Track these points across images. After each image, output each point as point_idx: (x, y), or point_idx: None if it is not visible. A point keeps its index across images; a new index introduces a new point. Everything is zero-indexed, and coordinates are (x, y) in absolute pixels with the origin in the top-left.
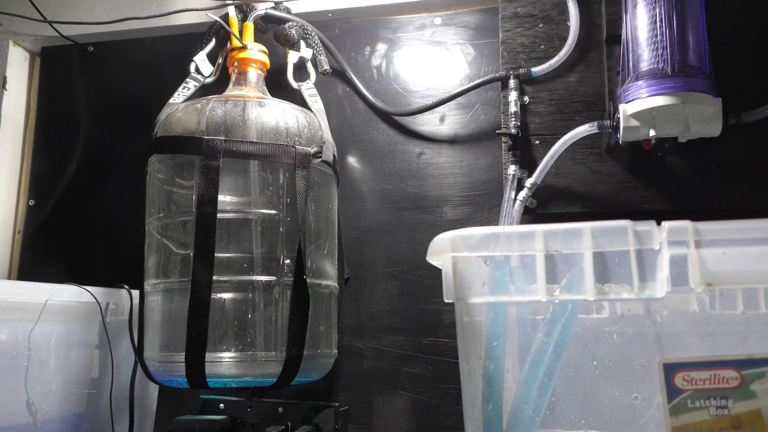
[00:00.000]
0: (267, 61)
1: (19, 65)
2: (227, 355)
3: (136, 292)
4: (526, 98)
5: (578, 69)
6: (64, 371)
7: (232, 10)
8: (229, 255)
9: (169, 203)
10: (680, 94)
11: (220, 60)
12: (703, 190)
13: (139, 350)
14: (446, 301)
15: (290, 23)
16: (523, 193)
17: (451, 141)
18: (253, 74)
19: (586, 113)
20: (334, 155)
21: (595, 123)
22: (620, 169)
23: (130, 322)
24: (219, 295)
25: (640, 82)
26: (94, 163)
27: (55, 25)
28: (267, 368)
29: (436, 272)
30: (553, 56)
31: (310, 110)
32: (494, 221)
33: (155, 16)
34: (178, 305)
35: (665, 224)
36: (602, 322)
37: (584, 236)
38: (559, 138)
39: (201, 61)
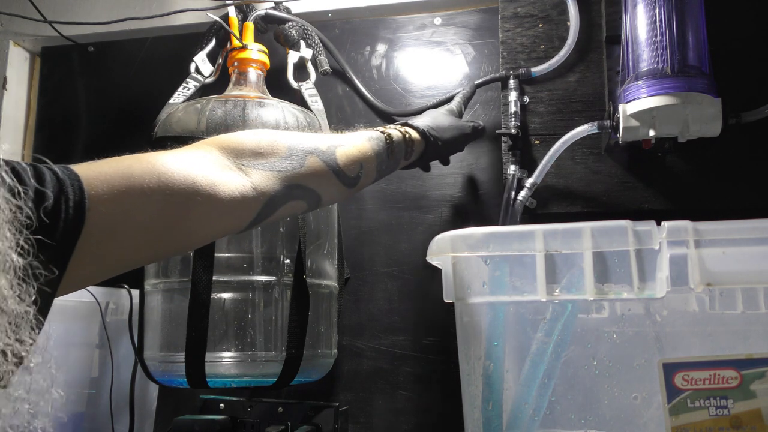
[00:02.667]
0: (267, 61)
1: (19, 65)
2: (227, 355)
3: (135, 292)
4: (526, 98)
5: (578, 69)
6: (63, 371)
7: (232, 10)
8: (229, 255)
9: None
10: (680, 94)
11: (220, 60)
12: (703, 190)
13: (139, 350)
14: (446, 301)
15: (290, 23)
16: (523, 193)
17: None
18: (253, 74)
19: (585, 113)
20: None
21: (595, 123)
22: (620, 169)
23: (130, 322)
24: (219, 295)
25: (639, 82)
26: None
27: (55, 25)
28: (267, 368)
29: (436, 272)
30: (553, 56)
31: (310, 110)
32: (494, 221)
33: (155, 16)
34: (178, 305)
35: (665, 224)
36: (602, 322)
37: (584, 236)
38: (559, 138)
39: (201, 61)
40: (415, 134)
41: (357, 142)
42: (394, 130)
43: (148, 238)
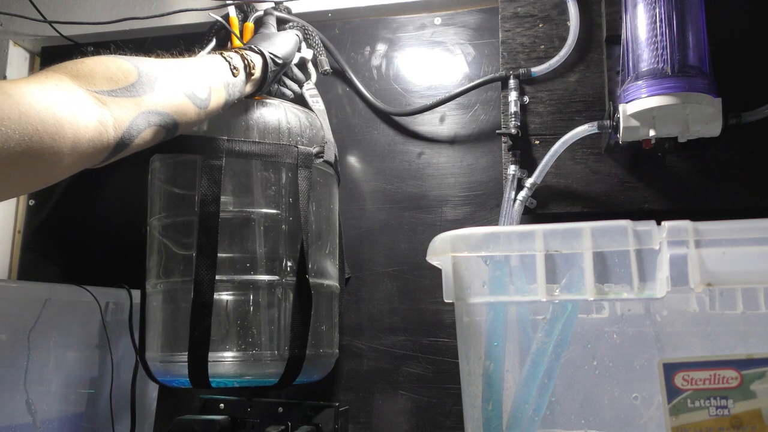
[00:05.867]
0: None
1: (19, 65)
2: (230, 355)
3: (135, 292)
4: (526, 98)
5: (578, 69)
6: (63, 371)
7: (232, 10)
8: (231, 255)
9: (171, 203)
10: (680, 94)
11: None
12: (703, 190)
13: (140, 350)
14: (446, 301)
15: (291, 23)
16: (523, 193)
17: (451, 141)
18: None
19: (586, 113)
20: (335, 155)
21: (595, 123)
22: (620, 169)
23: (130, 322)
24: (221, 295)
25: (640, 82)
26: None
27: (55, 25)
28: (269, 368)
29: (436, 272)
30: (553, 56)
31: (312, 110)
32: (494, 221)
33: (155, 16)
34: (180, 305)
35: (665, 224)
36: (602, 322)
37: (584, 236)
38: (559, 138)
39: None
40: (251, 53)
41: (200, 63)
42: (231, 52)
43: (12, 173)
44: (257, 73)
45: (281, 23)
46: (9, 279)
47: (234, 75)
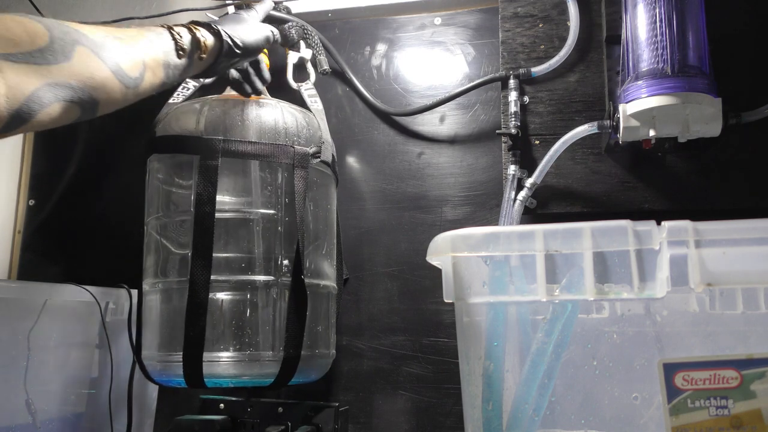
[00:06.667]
0: (267, 61)
1: None
2: (225, 355)
3: (135, 292)
4: (526, 98)
5: (578, 69)
6: (63, 371)
7: (231, 10)
8: (227, 255)
9: (168, 203)
10: (680, 94)
11: None
12: (703, 190)
13: (137, 350)
14: (446, 301)
15: (290, 23)
16: (523, 193)
17: (451, 141)
18: None
19: (586, 113)
20: (332, 155)
21: (595, 123)
22: (620, 169)
23: (129, 322)
24: (217, 295)
25: (640, 82)
26: (94, 163)
27: None
28: (265, 368)
29: (436, 272)
30: (553, 56)
31: (310, 111)
32: (494, 221)
33: (155, 16)
34: (177, 305)
35: (665, 224)
36: (602, 322)
37: (584, 236)
38: (559, 138)
39: None
40: (207, 34)
41: (138, 36)
42: (183, 29)
43: None
44: (206, 57)
45: (281, 22)
46: (9, 279)
47: (179, 57)
